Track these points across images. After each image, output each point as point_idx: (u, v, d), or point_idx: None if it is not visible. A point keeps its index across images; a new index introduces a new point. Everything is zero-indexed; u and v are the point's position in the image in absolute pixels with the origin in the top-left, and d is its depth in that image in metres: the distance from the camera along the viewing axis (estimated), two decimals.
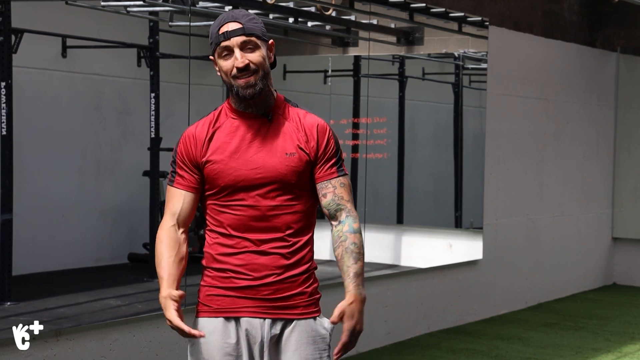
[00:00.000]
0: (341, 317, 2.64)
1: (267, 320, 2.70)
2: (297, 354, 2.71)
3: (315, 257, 2.82)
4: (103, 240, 7.14)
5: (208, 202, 2.75)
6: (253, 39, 2.67)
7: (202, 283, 2.80)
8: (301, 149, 2.70)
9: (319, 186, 2.73)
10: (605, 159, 9.57)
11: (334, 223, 2.74)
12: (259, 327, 2.70)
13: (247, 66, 2.65)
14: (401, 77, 7.83)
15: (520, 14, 8.57)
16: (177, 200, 2.75)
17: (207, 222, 2.77)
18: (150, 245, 6.38)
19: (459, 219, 8.05)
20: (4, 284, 5.17)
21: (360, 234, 2.73)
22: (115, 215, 7.23)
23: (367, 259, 6.93)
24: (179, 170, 2.76)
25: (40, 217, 6.67)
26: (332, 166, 2.74)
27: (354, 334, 2.67)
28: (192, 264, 7.91)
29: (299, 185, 2.71)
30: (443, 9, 7.19)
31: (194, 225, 7.27)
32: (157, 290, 2.76)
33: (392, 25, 7.26)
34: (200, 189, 2.74)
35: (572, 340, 6.99)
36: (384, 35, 7.23)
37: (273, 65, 2.75)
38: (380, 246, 7.40)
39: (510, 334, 7.14)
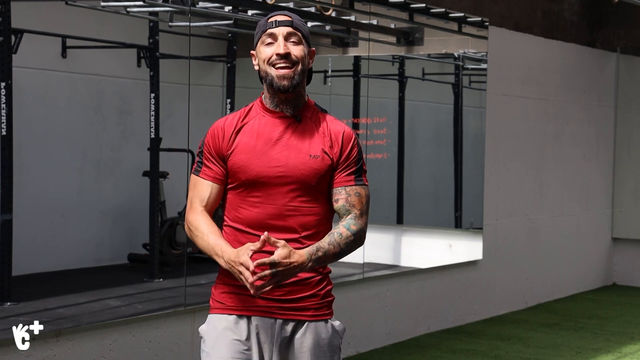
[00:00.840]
0: (282, 257, 2.58)
1: (278, 320, 2.72)
2: (308, 356, 2.73)
3: None
4: (103, 240, 7.14)
5: (228, 196, 2.78)
6: (299, 34, 2.71)
7: (217, 281, 2.80)
8: (325, 153, 2.73)
9: (333, 191, 2.76)
10: (605, 159, 9.57)
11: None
12: (269, 326, 2.72)
13: (287, 54, 2.68)
14: (401, 77, 7.83)
15: (520, 14, 8.57)
16: (205, 189, 2.77)
17: (224, 217, 2.79)
18: (150, 246, 6.38)
19: (459, 219, 8.05)
20: (4, 284, 5.16)
21: (354, 236, 2.72)
22: (115, 215, 7.23)
23: (367, 259, 6.89)
24: (205, 162, 2.77)
25: (40, 217, 6.67)
26: (350, 174, 2.76)
27: (276, 274, 2.58)
28: (192, 263, 7.89)
29: (319, 188, 2.73)
30: (443, 9, 7.19)
31: None
32: (157, 290, 2.76)
33: (392, 26, 7.25)
34: (225, 182, 2.77)
35: (572, 340, 6.99)
36: (383, 35, 7.23)
37: (310, 74, 2.79)
38: (380, 246, 7.39)
39: (510, 334, 7.14)
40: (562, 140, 8.83)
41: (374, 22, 6.91)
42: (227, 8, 6.32)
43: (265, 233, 2.59)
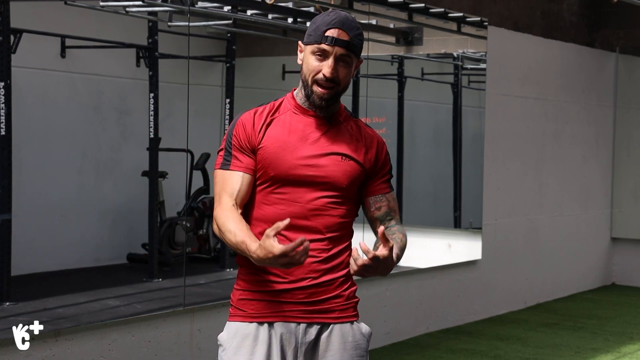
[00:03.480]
0: (373, 259, 2.49)
1: (301, 324, 2.64)
2: (334, 359, 2.66)
3: None
4: (102, 240, 7.14)
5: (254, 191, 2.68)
6: (352, 55, 2.63)
7: (235, 286, 2.70)
8: (356, 157, 2.68)
9: (372, 199, 2.72)
10: (605, 159, 9.57)
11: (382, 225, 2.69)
12: (293, 331, 2.64)
13: (334, 79, 2.61)
14: (400, 77, 7.84)
15: (520, 14, 8.58)
16: (235, 181, 2.62)
17: (248, 215, 2.68)
18: (150, 246, 6.38)
19: (458, 219, 8.06)
20: (4, 284, 5.16)
21: (406, 239, 2.74)
22: (114, 215, 7.23)
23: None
24: (235, 153, 2.64)
25: (40, 217, 6.67)
26: (386, 182, 2.75)
27: (378, 265, 2.49)
28: (192, 263, 7.88)
29: (348, 190, 2.67)
30: (442, 9, 7.19)
31: (193, 226, 7.27)
32: (156, 290, 2.75)
33: (391, 26, 7.26)
34: (255, 175, 2.65)
35: (571, 340, 6.99)
36: (383, 35, 7.23)
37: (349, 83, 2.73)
38: None
39: (510, 334, 7.14)
40: (562, 140, 8.83)
41: (373, 21, 6.91)
42: (227, 8, 6.32)
43: (303, 238, 2.41)
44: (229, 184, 2.63)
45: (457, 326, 7.37)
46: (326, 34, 2.61)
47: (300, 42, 2.68)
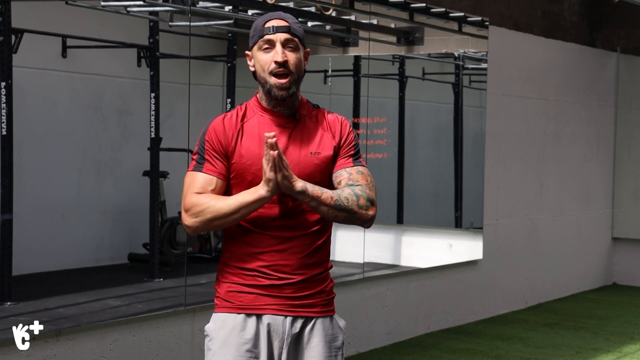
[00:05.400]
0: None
1: (288, 317, 2.75)
2: (316, 351, 2.76)
3: (331, 258, 2.87)
4: (103, 240, 7.14)
5: (232, 194, 2.74)
6: (296, 39, 2.74)
7: (222, 279, 2.79)
8: (324, 149, 2.76)
9: (335, 174, 2.77)
10: (605, 159, 9.57)
11: None
12: (280, 324, 2.74)
13: (285, 62, 2.70)
14: (401, 77, 7.83)
15: (520, 14, 8.57)
16: (207, 183, 2.71)
17: None
18: (151, 245, 6.38)
19: (459, 219, 8.05)
20: (4, 284, 5.16)
21: (356, 198, 2.68)
22: (115, 215, 7.23)
23: (367, 259, 6.88)
24: (209, 158, 2.73)
25: (40, 217, 6.67)
26: (349, 157, 2.78)
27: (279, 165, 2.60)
28: (192, 263, 7.88)
29: (323, 183, 2.74)
30: (443, 9, 7.19)
31: None
32: (157, 290, 2.76)
33: (392, 25, 7.25)
34: (227, 179, 2.74)
35: (572, 340, 6.99)
36: (384, 35, 7.22)
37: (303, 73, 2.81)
38: (380, 246, 7.39)
39: (510, 334, 7.14)
40: (562, 140, 8.83)
41: (374, 21, 6.91)
42: (227, 8, 6.32)
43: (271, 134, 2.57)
44: (199, 183, 2.71)
45: (457, 326, 7.37)
46: (266, 25, 2.73)
47: (247, 52, 2.79)
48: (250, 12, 6.36)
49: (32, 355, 4.34)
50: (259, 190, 2.62)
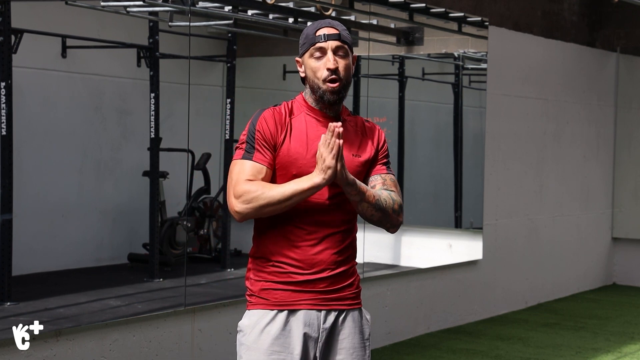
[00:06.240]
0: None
1: (322, 311, 2.85)
2: (347, 341, 2.87)
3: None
4: (103, 240, 7.14)
5: None
6: (346, 46, 2.85)
7: (254, 277, 2.87)
8: (363, 153, 2.89)
9: (369, 179, 2.90)
10: (605, 159, 9.57)
11: None
12: (315, 318, 2.83)
13: (336, 69, 2.81)
14: (401, 77, 7.84)
15: (520, 14, 8.58)
16: (258, 172, 2.77)
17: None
18: (151, 246, 6.38)
19: (459, 219, 8.05)
20: (4, 284, 5.16)
21: (392, 202, 2.84)
22: (115, 215, 7.23)
23: (367, 259, 6.88)
24: (259, 147, 2.80)
25: (40, 217, 6.67)
26: (383, 165, 2.93)
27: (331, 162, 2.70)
28: (192, 263, 7.87)
29: None
30: (443, 9, 7.19)
31: (194, 226, 7.27)
32: (157, 290, 2.76)
33: (392, 26, 7.26)
34: (274, 170, 2.82)
35: (572, 340, 6.99)
36: (383, 35, 7.23)
37: (352, 78, 2.93)
38: (380, 246, 7.40)
39: (510, 334, 7.14)
40: (562, 140, 8.83)
41: (374, 21, 6.91)
42: (227, 8, 6.32)
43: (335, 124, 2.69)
44: (250, 171, 2.78)
45: (457, 326, 7.38)
46: (317, 34, 2.84)
47: (297, 58, 2.89)
48: (250, 12, 6.36)
49: (32, 355, 4.34)
50: (314, 178, 2.71)
